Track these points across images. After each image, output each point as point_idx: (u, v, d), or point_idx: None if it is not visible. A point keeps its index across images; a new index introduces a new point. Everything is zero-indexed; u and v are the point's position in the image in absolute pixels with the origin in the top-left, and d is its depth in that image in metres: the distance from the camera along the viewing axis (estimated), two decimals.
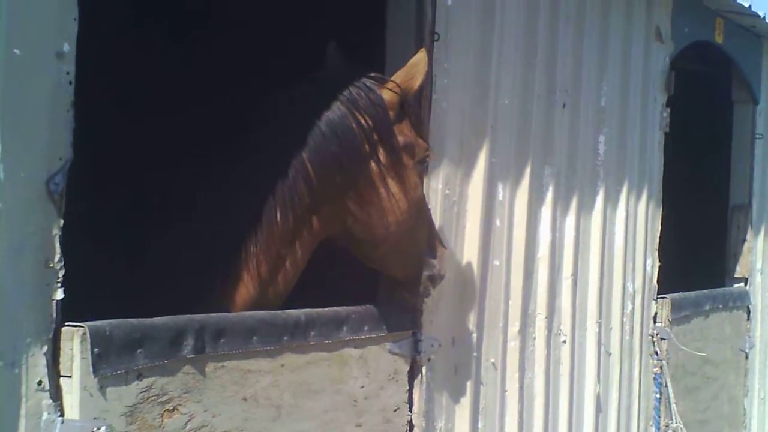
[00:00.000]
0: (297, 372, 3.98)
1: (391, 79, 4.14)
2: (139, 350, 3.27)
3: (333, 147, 3.89)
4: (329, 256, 4.35)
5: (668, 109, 6.93)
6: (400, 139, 4.11)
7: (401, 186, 4.10)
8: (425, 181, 4.56)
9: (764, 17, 7.65)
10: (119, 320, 3.24)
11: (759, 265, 8.55)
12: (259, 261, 3.91)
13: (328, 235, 4.16)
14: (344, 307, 4.27)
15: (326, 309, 4.17)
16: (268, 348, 3.83)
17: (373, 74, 4.10)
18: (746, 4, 7.33)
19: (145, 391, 3.30)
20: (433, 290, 4.57)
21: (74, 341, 3.07)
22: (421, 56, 4.20)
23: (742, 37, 8.06)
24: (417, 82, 4.14)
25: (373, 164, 4.00)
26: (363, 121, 3.94)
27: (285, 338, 3.91)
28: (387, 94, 4.05)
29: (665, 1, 6.81)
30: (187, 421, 3.46)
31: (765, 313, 8.68)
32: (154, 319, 3.38)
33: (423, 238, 4.36)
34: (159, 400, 3.35)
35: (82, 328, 3.08)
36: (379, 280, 4.75)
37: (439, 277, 4.47)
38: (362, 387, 4.34)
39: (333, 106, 3.91)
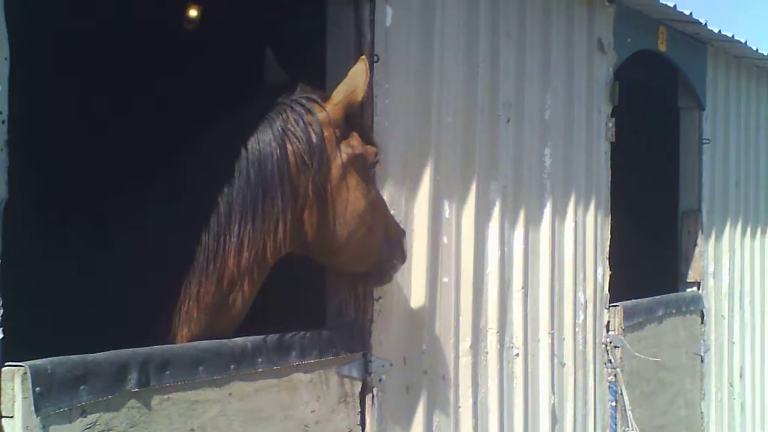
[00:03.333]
0: (245, 400, 3.98)
1: (333, 94, 4.14)
2: (82, 387, 3.26)
3: (266, 185, 3.88)
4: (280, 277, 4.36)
5: (613, 119, 6.98)
6: (348, 151, 4.13)
7: (353, 198, 4.13)
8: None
9: (706, 24, 7.74)
10: (61, 357, 3.23)
11: (711, 269, 8.63)
12: (200, 303, 3.89)
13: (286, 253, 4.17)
14: (292, 332, 4.28)
15: (273, 335, 4.17)
16: (214, 377, 3.83)
17: (311, 95, 4.10)
18: (687, 12, 7.41)
19: (89, 428, 3.30)
20: (395, 275, 4.64)
21: (15, 381, 3.06)
22: (360, 67, 4.18)
23: (685, 45, 8.15)
24: (359, 95, 4.16)
25: (317, 190, 4.00)
26: (295, 151, 3.94)
27: (232, 367, 3.91)
28: (324, 114, 4.05)
29: (606, 12, 6.87)
30: None
31: (718, 316, 8.76)
32: (97, 354, 3.37)
33: (382, 232, 4.40)
34: None
35: (22, 368, 3.07)
36: (327, 302, 4.77)
37: (400, 261, 4.56)
38: (313, 411, 4.35)
39: (267, 136, 3.91)
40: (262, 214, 3.88)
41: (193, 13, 7.03)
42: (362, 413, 4.64)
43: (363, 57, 4.31)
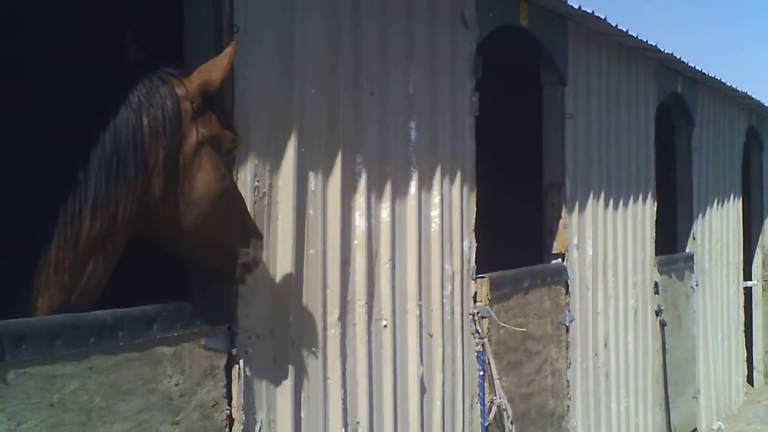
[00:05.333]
0: (106, 374, 3.93)
1: (191, 72, 4.15)
2: None
3: (120, 151, 3.89)
4: (140, 252, 4.32)
5: (477, 94, 7.06)
6: (203, 131, 4.13)
7: (205, 179, 4.12)
8: (234, 173, 4.57)
9: (566, 0, 7.88)
10: None
11: (575, 241, 8.82)
12: (59, 270, 3.84)
13: (135, 233, 4.13)
14: (154, 305, 4.23)
15: (134, 308, 4.13)
16: (73, 351, 3.77)
17: (169, 69, 4.10)
18: None
19: None
20: (249, 277, 4.57)
21: None
22: (228, 50, 4.23)
23: (546, 20, 8.28)
24: (218, 75, 4.17)
25: (169, 161, 3.99)
26: (149, 120, 3.94)
27: (92, 340, 3.86)
28: (182, 89, 4.05)
29: None
30: None
31: (583, 286, 8.96)
32: None
33: (235, 227, 4.37)
34: None
35: None
36: (191, 275, 4.73)
37: (254, 263, 4.49)
38: (177, 384, 4.31)
39: (120, 108, 3.90)
40: (116, 179, 3.88)
41: None
42: (228, 385, 4.61)
43: (233, 42, 4.34)
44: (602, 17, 8.50)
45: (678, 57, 10.58)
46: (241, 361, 4.68)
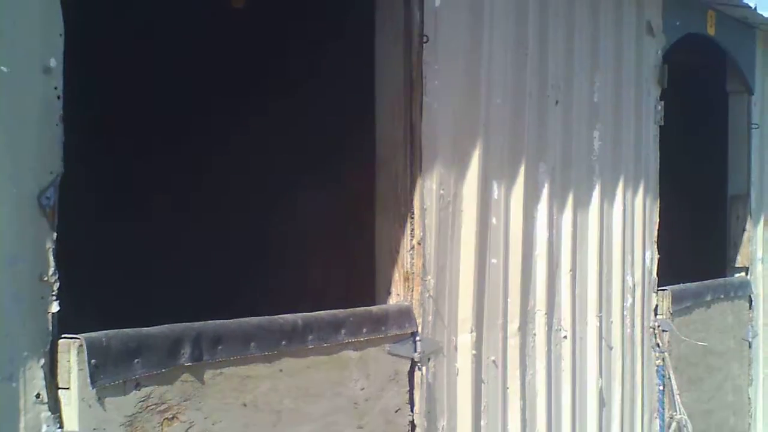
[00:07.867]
0: (296, 376, 4.01)
1: None
2: (136, 360, 3.29)
3: None
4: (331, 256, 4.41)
5: (662, 102, 6.94)
6: None
7: None
8: (420, 182, 4.61)
9: (755, 8, 7.66)
10: (115, 330, 3.26)
11: (760, 254, 8.56)
12: None
13: None
14: (342, 309, 4.30)
15: (324, 312, 4.20)
16: (266, 353, 3.86)
17: None
18: None
19: (143, 401, 3.33)
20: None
21: (71, 353, 3.09)
22: None
23: (734, 28, 8.07)
24: None
25: None
26: None
27: (283, 343, 3.94)
28: None
29: None
30: (188, 429, 3.49)
31: (767, 301, 8.68)
32: (151, 328, 3.41)
33: None
34: (158, 409, 3.37)
35: (78, 340, 3.10)
36: (376, 281, 4.79)
37: None
38: (362, 389, 4.37)
39: None
40: None
41: None
42: (411, 392, 4.65)
43: None
44: None
45: None
46: (424, 369, 4.71)
